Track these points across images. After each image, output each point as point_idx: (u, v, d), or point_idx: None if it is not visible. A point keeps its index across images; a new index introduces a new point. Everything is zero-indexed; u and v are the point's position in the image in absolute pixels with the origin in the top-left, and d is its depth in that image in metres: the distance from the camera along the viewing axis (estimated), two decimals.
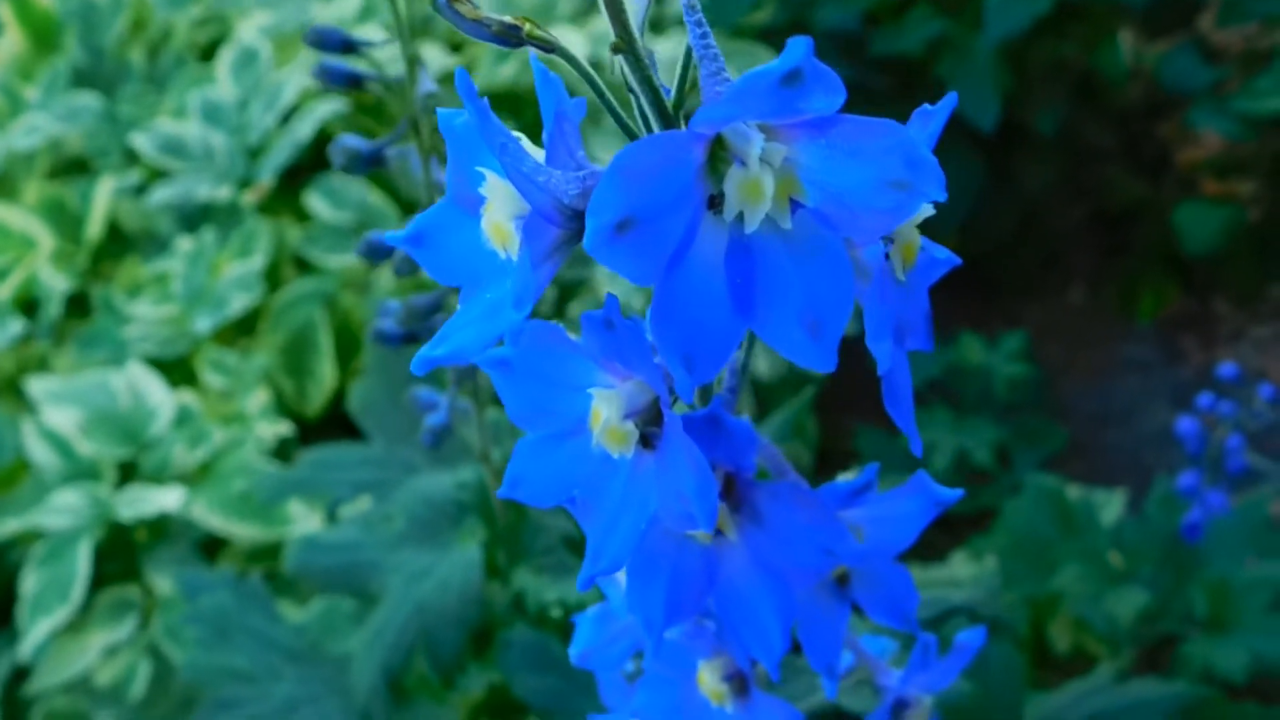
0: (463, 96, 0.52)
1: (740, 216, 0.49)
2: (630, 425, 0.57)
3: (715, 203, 0.50)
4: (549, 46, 0.55)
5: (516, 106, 2.30)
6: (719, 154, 0.50)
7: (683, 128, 0.55)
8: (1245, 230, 2.78)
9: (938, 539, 2.45)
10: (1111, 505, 2.20)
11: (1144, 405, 2.78)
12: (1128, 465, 2.65)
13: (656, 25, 2.44)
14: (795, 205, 0.49)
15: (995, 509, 2.25)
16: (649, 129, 0.56)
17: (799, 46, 0.44)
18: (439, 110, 0.58)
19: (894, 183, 0.47)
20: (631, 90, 0.55)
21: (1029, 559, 1.95)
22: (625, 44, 0.53)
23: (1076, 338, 2.91)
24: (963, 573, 2.01)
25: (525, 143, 0.55)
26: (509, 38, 0.55)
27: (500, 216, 0.56)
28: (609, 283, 2.14)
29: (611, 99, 0.56)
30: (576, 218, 0.54)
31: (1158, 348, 2.87)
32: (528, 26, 0.54)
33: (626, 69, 0.54)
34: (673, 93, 0.56)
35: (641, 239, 0.47)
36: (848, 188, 0.48)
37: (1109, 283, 2.98)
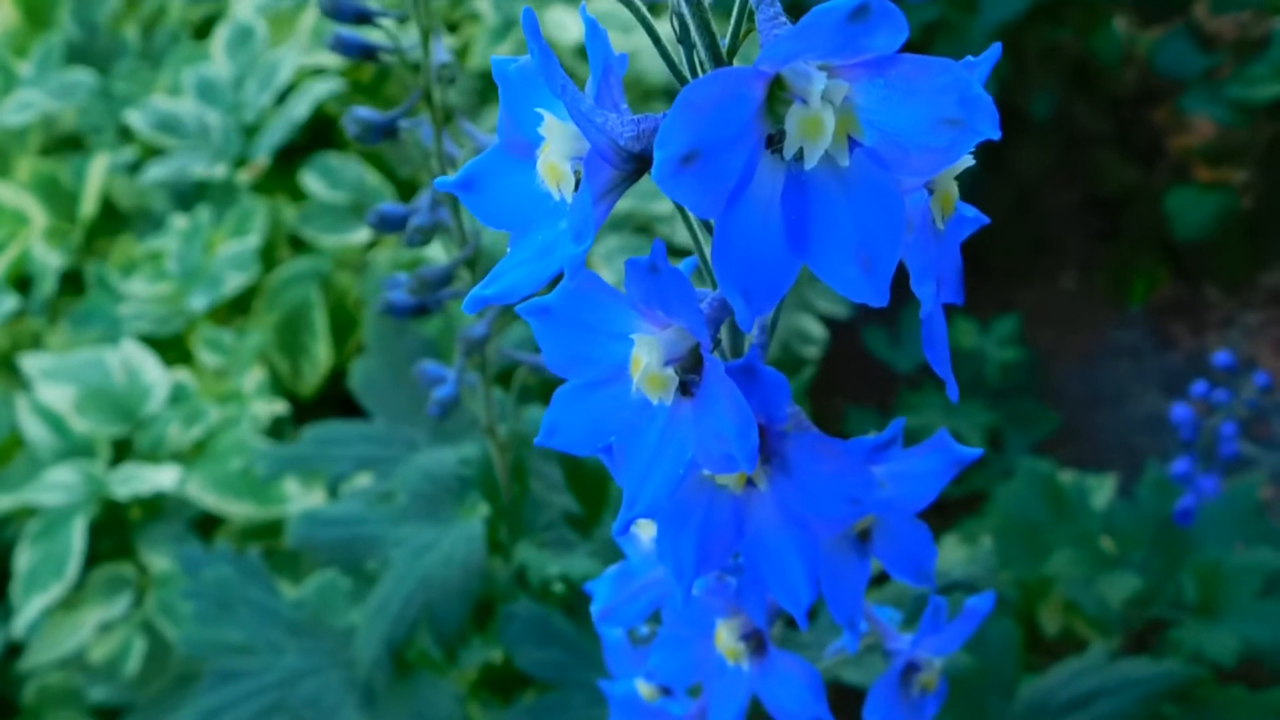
0: (528, 37, 0.53)
1: (799, 154, 0.50)
2: (670, 371, 0.58)
3: (773, 142, 0.51)
4: None
5: None
6: (777, 95, 0.51)
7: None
8: (1237, 217, 2.80)
9: (930, 521, 2.45)
10: (1103, 489, 2.21)
11: (1134, 390, 2.79)
12: (1117, 450, 2.67)
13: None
14: (851, 144, 0.50)
15: (987, 492, 2.26)
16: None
17: None
18: (493, 58, 0.58)
19: (948, 120, 0.48)
20: (683, 41, 0.56)
21: (1021, 542, 1.95)
22: None
23: (1068, 322, 2.93)
24: (955, 555, 2.02)
25: None
26: None
27: (556, 157, 0.56)
28: (604, 265, 2.15)
29: (666, 46, 0.57)
30: (631, 159, 0.55)
31: (1148, 333, 2.89)
32: None
33: (686, 12, 0.55)
34: (727, 40, 0.57)
35: (705, 171, 0.48)
36: (904, 126, 0.49)
37: (1100, 268, 3.00)
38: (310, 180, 2.35)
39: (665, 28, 0.58)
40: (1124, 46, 2.93)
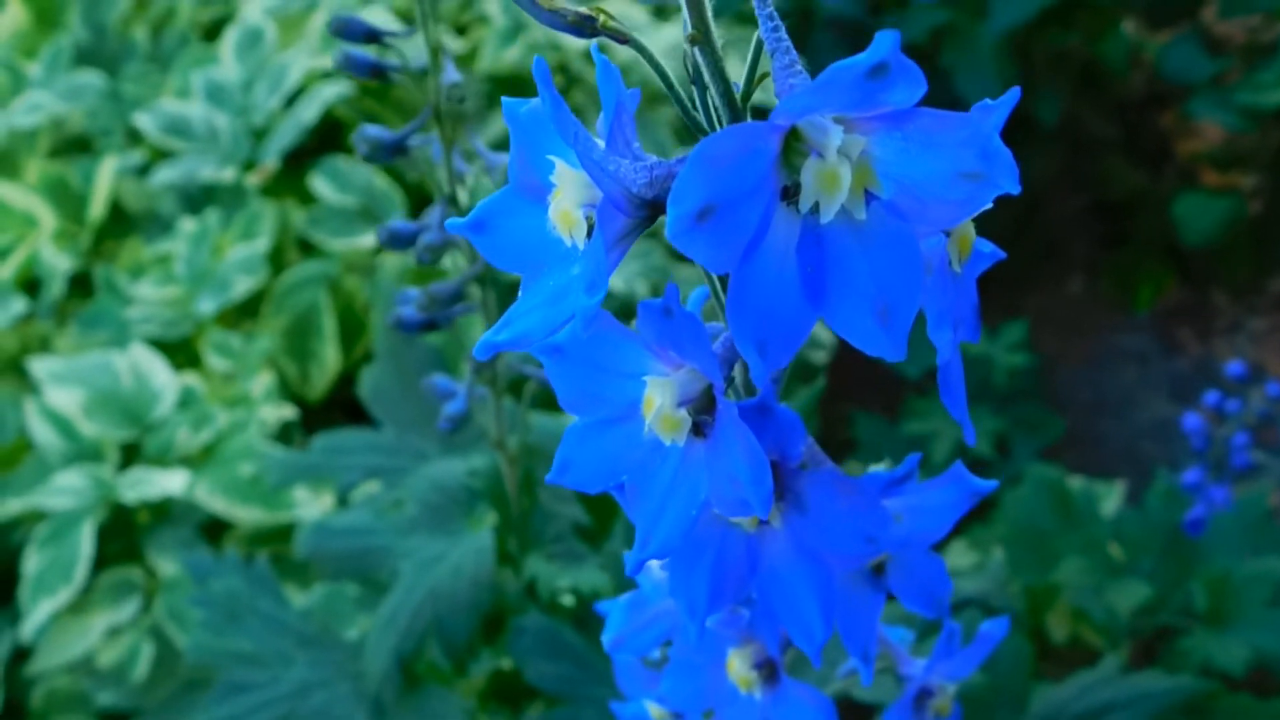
0: (539, 85, 0.53)
1: (815, 207, 0.50)
2: (683, 413, 0.58)
3: (788, 194, 0.50)
4: (623, 38, 0.55)
5: (520, 91, 2.30)
6: (793, 146, 0.50)
7: (748, 120, 0.56)
8: (1244, 222, 2.79)
9: None
10: (1111, 497, 2.21)
11: (1140, 396, 2.79)
12: (1124, 456, 2.66)
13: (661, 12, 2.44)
14: (868, 197, 0.50)
15: (994, 499, 2.26)
16: (718, 122, 0.57)
17: (886, 40, 0.44)
18: (504, 100, 0.58)
19: (967, 174, 0.48)
20: (696, 83, 0.56)
21: (1029, 549, 1.95)
22: (702, 35, 0.53)
23: (1074, 327, 2.92)
24: (963, 561, 2.02)
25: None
26: (583, 29, 0.55)
27: (569, 204, 0.56)
28: None
29: (680, 91, 0.56)
30: (644, 206, 0.54)
31: (1155, 339, 2.88)
32: (602, 18, 0.55)
33: (700, 60, 0.55)
34: (741, 85, 0.56)
35: (720, 227, 0.48)
36: (922, 179, 0.49)
37: (1107, 273, 2.99)
38: (319, 184, 2.35)
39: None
40: (1132, 51, 2.92)
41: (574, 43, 2.43)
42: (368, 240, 2.31)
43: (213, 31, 2.72)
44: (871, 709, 1.10)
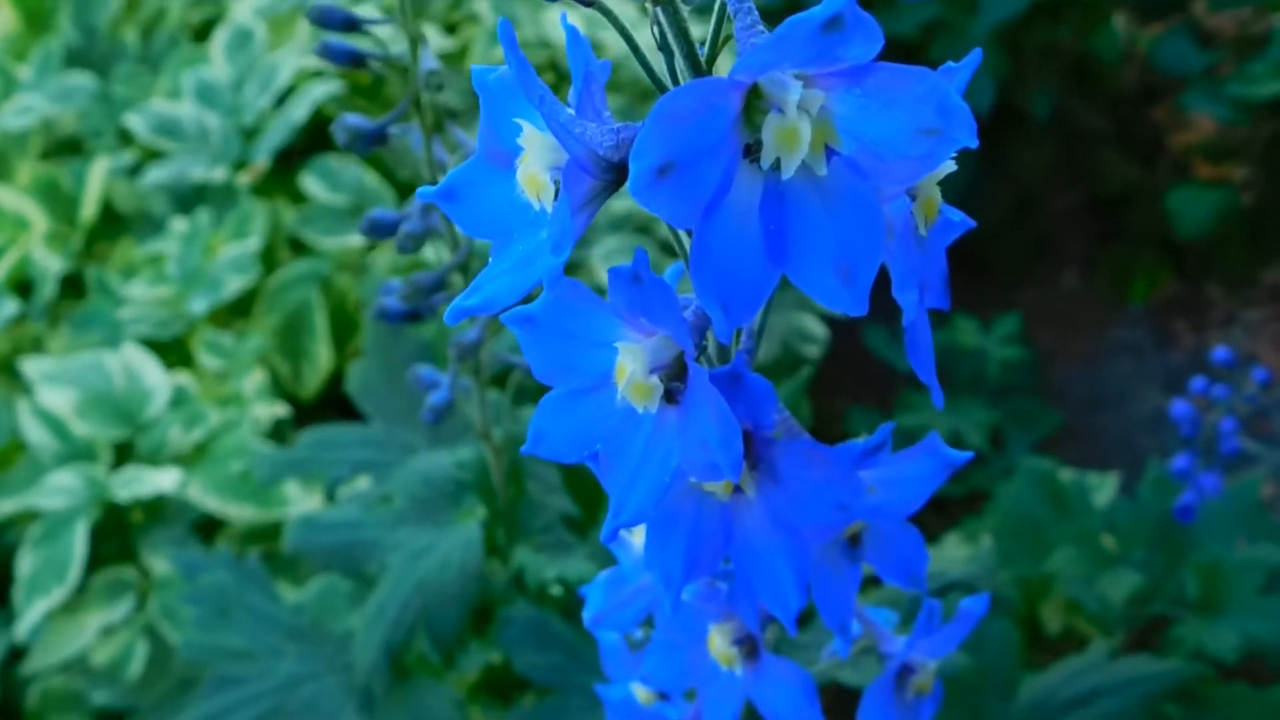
0: (505, 47, 0.53)
1: (776, 164, 0.50)
2: (655, 380, 0.58)
3: (750, 152, 0.51)
4: (588, 1, 0.55)
5: None
6: (755, 104, 0.51)
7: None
8: (1237, 214, 2.79)
9: (931, 520, 2.45)
10: (1104, 488, 2.21)
11: (1135, 389, 2.79)
12: (1119, 448, 2.66)
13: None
14: (829, 153, 0.50)
15: (988, 491, 2.26)
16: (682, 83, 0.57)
17: None
18: (473, 67, 0.58)
19: (926, 130, 0.48)
20: (663, 49, 0.56)
21: (1022, 541, 1.95)
22: None
23: (1069, 321, 2.92)
24: (956, 554, 2.01)
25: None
26: None
27: (536, 167, 0.56)
28: (603, 266, 2.15)
29: (645, 55, 0.57)
30: (610, 169, 0.55)
31: (1149, 331, 2.88)
32: None
33: (664, 21, 0.55)
34: (706, 48, 0.56)
35: (681, 182, 0.48)
36: (881, 136, 0.49)
37: (1102, 266, 3.00)
38: (310, 183, 2.35)
39: (648, 35, 0.58)
40: (1124, 45, 2.93)
41: (563, 39, 2.43)
42: (359, 239, 2.31)
43: (203, 32, 2.72)
44: (858, 694, 1.10)
